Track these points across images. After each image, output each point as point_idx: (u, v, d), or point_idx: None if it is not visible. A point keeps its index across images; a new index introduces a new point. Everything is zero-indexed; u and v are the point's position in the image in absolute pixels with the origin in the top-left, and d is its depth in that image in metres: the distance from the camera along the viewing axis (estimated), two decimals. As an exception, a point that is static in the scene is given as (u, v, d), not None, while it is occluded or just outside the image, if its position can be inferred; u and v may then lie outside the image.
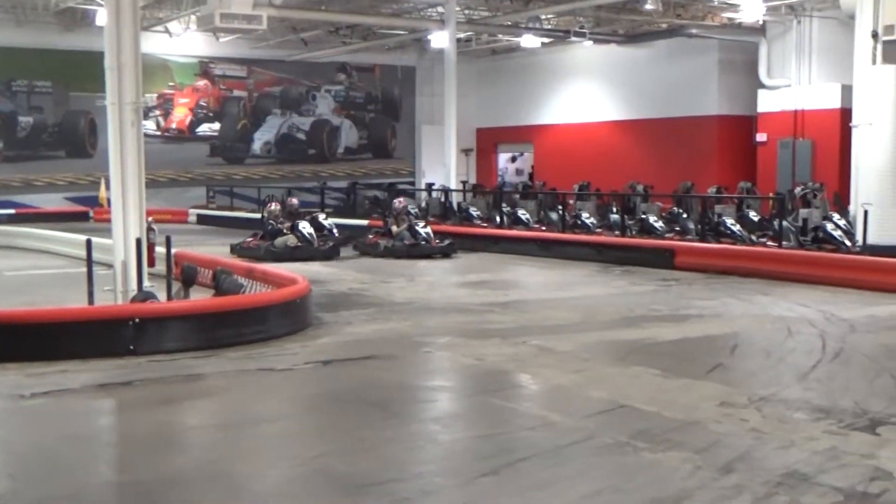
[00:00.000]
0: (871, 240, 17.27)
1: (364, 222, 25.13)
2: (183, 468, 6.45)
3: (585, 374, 8.97)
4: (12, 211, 28.45)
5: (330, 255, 19.27)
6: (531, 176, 32.59)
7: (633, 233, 20.84)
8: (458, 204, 26.63)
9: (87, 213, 28.48)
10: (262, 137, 33.67)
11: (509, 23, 28.14)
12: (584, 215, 22.64)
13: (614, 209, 22.95)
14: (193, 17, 25.11)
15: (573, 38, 28.46)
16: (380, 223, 24.42)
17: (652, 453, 6.52)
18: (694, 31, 26.38)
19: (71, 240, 18.30)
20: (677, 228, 20.69)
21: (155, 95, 31.97)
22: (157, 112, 32.15)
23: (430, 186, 28.96)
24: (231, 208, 30.86)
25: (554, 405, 8.16)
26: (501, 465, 6.30)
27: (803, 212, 19.06)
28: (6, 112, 29.72)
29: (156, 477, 6.17)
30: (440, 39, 26.79)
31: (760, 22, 25.87)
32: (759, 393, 8.13)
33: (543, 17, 28.11)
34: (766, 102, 26.25)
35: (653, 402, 7.79)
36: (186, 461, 6.68)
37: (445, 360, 9.83)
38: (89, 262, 11.54)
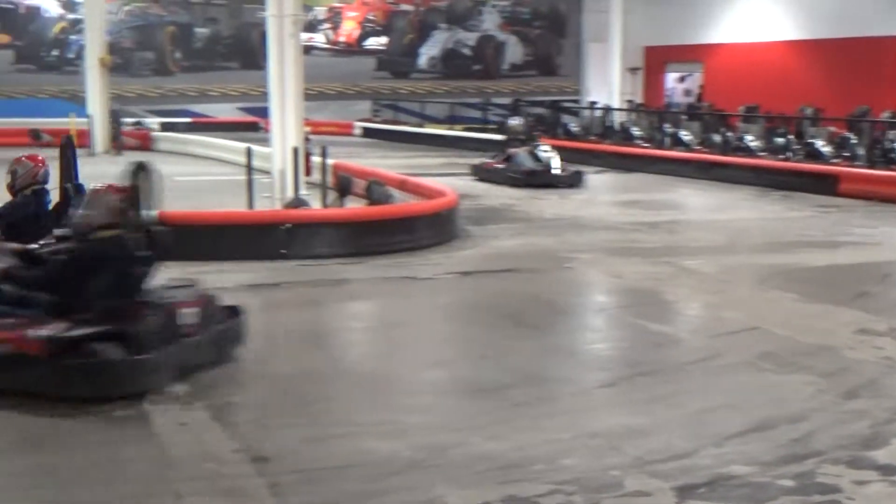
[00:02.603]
0: None
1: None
2: (321, 364, 6.83)
3: (722, 295, 8.96)
4: (188, 119, 29.58)
5: (573, 182, 17.53)
6: (699, 97, 31.81)
7: (800, 158, 20.25)
8: (621, 123, 26.37)
9: (258, 123, 29.37)
10: (428, 52, 33.92)
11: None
12: (749, 138, 22.09)
13: (781, 132, 22.30)
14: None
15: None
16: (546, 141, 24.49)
17: (776, 374, 6.54)
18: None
19: (237, 148, 19.02)
20: (846, 154, 19.98)
21: (325, 9, 32.57)
22: (327, 25, 32.75)
23: (592, 105, 28.75)
24: (395, 122, 31.34)
25: (684, 324, 8.23)
26: (621, 378, 6.46)
27: (983, 141, 18.17)
28: (183, 23, 30.80)
29: (294, 370, 6.58)
30: (609, -46, 26.34)
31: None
32: (902, 322, 7.99)
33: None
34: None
35: (786, 326, 7.75)
36: (325, 358, 7.07)
37: (585, 276, 9.94)
38: (249, 169, 12.07)
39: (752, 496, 4.64)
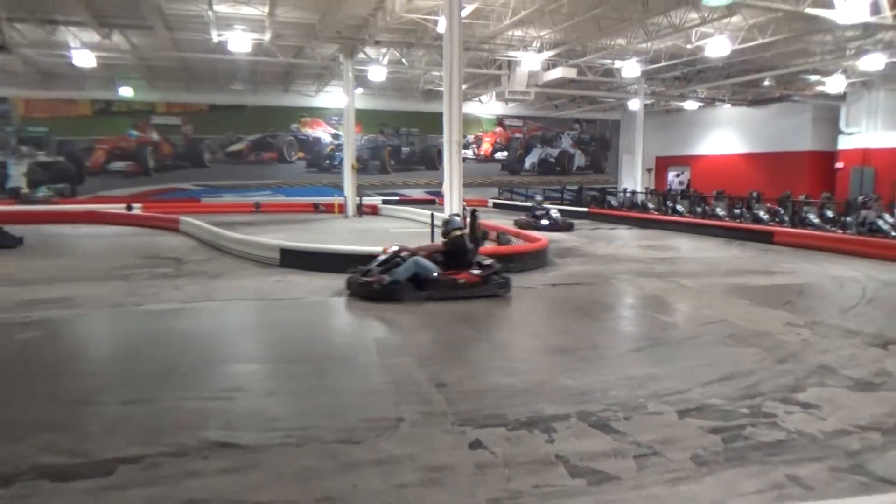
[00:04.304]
0: (910, 231, 15.12)
1: (586, 209, 24.71)
2: (468, 334, 6.77)
3: (703, 300, 8.62)
4: (397, 197, 30.16)
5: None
6: (688, 185, 30.75)
7: (749, 221, 19.32)
8: (641, 201, 25.66)
9: (434, 200, 29.74)
10: (530, 160, 33.73)
11: (678, 93, 26.61)
12: (718, 210, 21.22)
13: (738, 207, 21.33)
14: (493, 93, 25.57)
15: (717, 103, 26.56)
16: (598, 210, 24.16)
17: (736, 347, 6.30)
18: (796, 98, 23.86)
19: (425, 214, 19.28)
20: (777, 219, 18.99)
21: (472, 136, 32.84)
22: (474, 145, 32.99)
23: (624, 190, 28.08)
24: (511, 199, 31.26)
25: (681, 317, 7.93)
26: (644, 346, 6.32)
27: (863, 213, 16.94)
28: (395, 144, 31.48)
29: (454, 337, 6.60)
30: (634, 104, 25.76)
31: (842, 92, 23.06)
32: (813, 319, 7.55)
33: (699, 90, 26.33)
34: (844, 143, 23.47)
35: (742, 319, 7.44)
36: (470, 330, 6.96)
37: (622, 288, 9.73)
38: (432, 225, 12.26)
39: (723, 417, 4.52)
